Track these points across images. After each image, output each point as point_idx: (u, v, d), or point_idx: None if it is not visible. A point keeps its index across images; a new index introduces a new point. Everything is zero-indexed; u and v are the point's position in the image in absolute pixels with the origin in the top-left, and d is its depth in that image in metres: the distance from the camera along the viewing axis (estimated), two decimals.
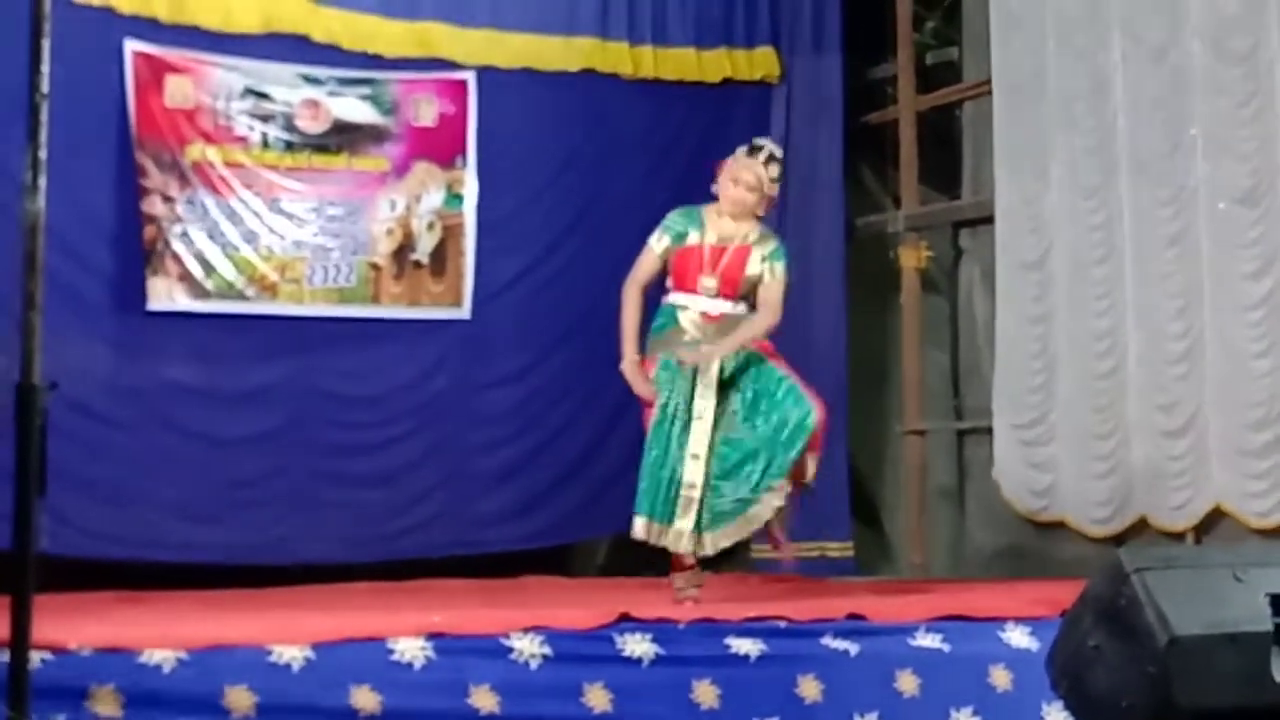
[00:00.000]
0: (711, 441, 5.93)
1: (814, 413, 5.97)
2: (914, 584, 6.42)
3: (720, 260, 6.06)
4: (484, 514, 8.13)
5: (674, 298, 6.12)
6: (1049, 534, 7.76)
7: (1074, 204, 7.61)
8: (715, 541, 5.97)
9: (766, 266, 6.10)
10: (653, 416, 5.99)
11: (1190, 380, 7.00)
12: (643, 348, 6.09)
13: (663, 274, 6.19)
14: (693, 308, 6.06)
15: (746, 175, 6.09)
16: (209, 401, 7.63)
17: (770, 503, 5.97)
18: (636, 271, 6.19)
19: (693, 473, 5.90)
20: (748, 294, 6.10)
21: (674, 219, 6.17)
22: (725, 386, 6.00)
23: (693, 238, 6.10)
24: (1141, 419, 7.22)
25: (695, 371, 5.96)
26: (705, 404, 5.94)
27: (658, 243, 6.15)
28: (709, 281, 6.04)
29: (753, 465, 5.95)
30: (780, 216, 8.22)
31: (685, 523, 5.90)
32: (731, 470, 5.95)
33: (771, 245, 6.15)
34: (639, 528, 5.93)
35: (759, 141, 6.28)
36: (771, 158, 6.16)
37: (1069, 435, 7.60)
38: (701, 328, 6.04)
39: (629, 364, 6.07)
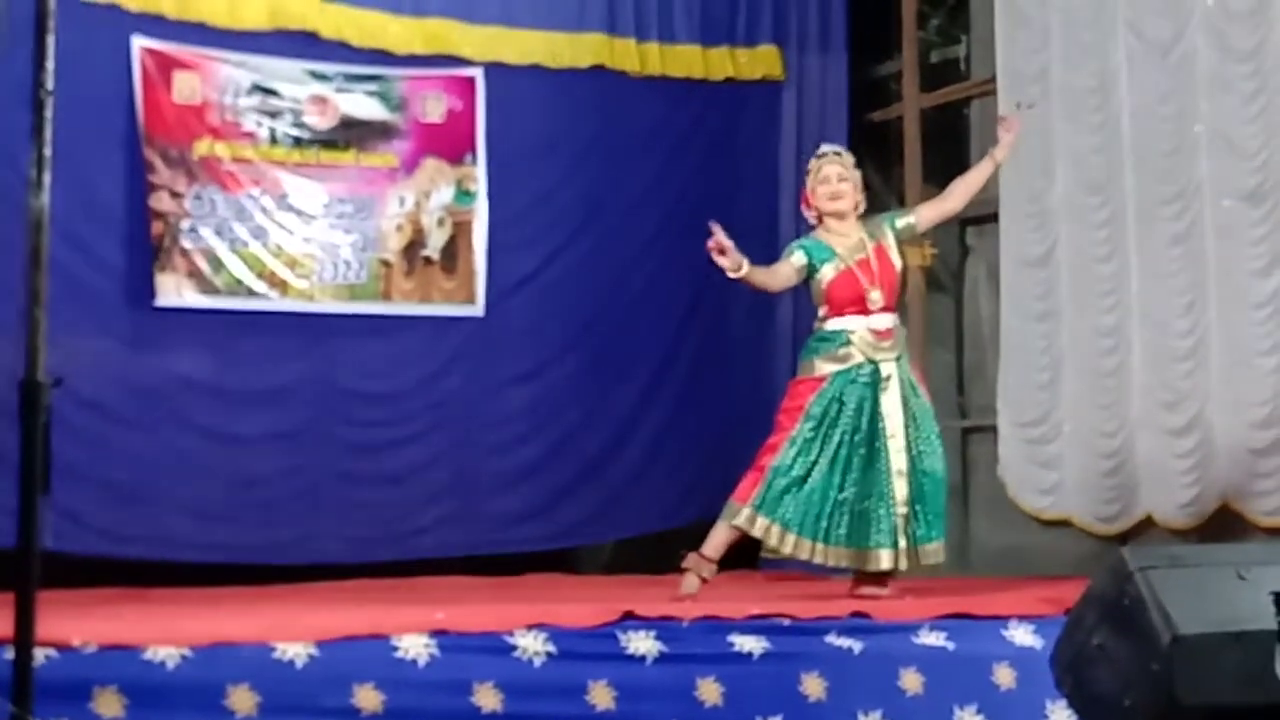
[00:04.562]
0: (909, 456, 5.99)
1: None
2: (918, 582, 6.39)
3: (872, 270, 6.10)
4: (499, 514, 8.09)
5: (836, 323, 6.08)
6: (1054, 532, 7.73)
7: (1079, 201, 7.59)
8: (932, 553, 6.07)
9: (898, 223, 6.28)
10: (798, 434, 5.98)
11: (1196, 378, 6.98)
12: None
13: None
14: (860, 329, 6.05)
15: (830, 169, 6.22)
16: (219, 399, 7.63)
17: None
18: (775, 270, 6.14)
19: (901, 490, 5.96)
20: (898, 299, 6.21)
21: (806, 243, 6.18)
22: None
23: (833, 265, 6.09)
24: (1147, 416, 7.20)
25: (875, 387, 5.98)
26: (895, 421, 5.98)
27: (793, 256, 6.13)
28: (875, 294, 6.06)
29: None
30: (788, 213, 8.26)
31: (904, 540, 5.97)
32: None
33: (881, 216, 6.33)
34: (787, 542, 5.97)
35: (822, 148, 6.42)
36: (836, 151, 6.32)
37: (1074, 433, 7.58)
38: (875, 345, 6.04)
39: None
